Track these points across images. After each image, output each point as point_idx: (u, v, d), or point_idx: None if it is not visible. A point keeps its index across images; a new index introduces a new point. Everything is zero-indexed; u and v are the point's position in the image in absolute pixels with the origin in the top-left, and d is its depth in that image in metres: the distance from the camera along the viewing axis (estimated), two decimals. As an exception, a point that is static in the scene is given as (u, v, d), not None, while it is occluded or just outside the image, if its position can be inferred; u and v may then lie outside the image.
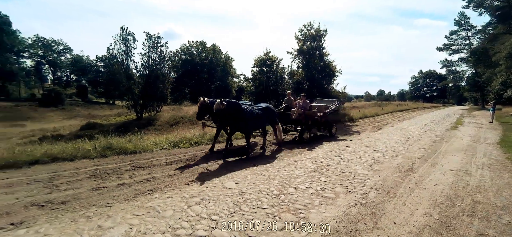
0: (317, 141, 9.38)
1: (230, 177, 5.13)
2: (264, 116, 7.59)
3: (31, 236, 2.90)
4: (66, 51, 56.18)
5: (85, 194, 4.08)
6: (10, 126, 21.71)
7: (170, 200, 3.91)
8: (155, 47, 19.41)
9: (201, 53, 53.19)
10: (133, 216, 3.39)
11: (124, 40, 18.55)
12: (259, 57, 21.32)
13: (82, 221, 3.23)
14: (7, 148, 6.56)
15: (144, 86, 18.46)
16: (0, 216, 3.35)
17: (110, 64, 20.29)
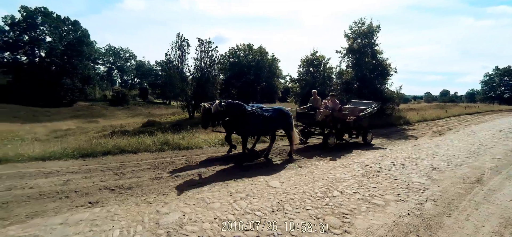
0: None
1: (274, 177, 5.23)
2: (274, 120, 6.73)
3: (104, 214, 3.44)
4: (131, 58, 63.55)
5: (146, 182, 4.65)
6: (87, 122, 25.58)
7: (217, 194, 4.19)
8: (206, 52, 20.77)
9: (248, 55, 54.64)
10: (185, 205, 3.74)
11: (179, 46, 20.31)
12: (306, 57, 20.98)
13: (144, 205, 3.70)
14: (86, 140, 7.80)
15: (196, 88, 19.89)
16: (82, 195, 4.05)
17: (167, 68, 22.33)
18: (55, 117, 27.86)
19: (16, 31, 41.41)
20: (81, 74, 46.44)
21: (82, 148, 6.31)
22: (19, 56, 42.39)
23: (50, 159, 5.81)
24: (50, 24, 43.43)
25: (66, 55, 44.40)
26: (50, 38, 43.49)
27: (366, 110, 9.37)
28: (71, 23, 47.04)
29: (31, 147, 6.40)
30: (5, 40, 40.78)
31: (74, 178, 4.79)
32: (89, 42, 49.63)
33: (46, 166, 5.38)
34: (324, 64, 20.80)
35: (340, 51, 19.63)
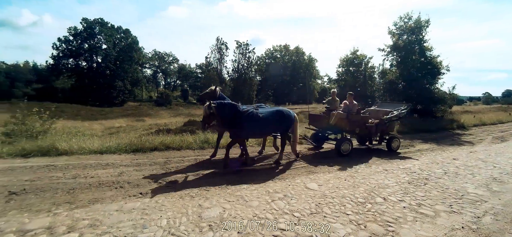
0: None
1: (312, 179, 5.14)
2: (271, 122, 6.15)
3: (153, 204, 3.74)
4: (174, 61, 67.70)
5: (189, 177, 4.94)
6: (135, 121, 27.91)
7: (256, 192, 4.27)
8: (244, 54, 21.31)
9: (284, 56, 54.44)
10: (226, 201, 3.89)
11: (218, 49, 21.16)
12: (345, 57, 20.22)
13: (187, 199, 3.94)
14: (136, 137, 8.52)
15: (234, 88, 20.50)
16: (133, 186, 4.45)
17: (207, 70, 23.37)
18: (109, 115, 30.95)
19: (78, 40, 47.02)
20: (131, 77, 50.92)
21: (133, 144, 6.94)
22: (80, 62, 48.05)
23: (107, 153, 6.51)
24: (105, 33, 48.45)
25: (119, 60, 49.06)
26: (105, 46, 48.57)
27: (392, 113, 8.13)
28: (123, 31, 51.86)
29: (91, 141, 7.23)
30: (70, 48, 46.57)
31: (127, 171, 5.30)
32: (138, 48, 54.19)
33: (103, 159, 6.04)
34: (365, 63, 19.82)
35: (383, 49, 18.52)
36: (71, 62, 47.60)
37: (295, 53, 53.93)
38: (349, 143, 7.32)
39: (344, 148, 7.20)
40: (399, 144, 8.20)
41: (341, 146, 7.15)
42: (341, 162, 6.51)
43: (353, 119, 7.42)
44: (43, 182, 4.60)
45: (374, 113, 8.57)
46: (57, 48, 46.14)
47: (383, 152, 7.91)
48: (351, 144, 7.36)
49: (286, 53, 54.76)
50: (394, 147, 8.03)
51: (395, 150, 8.02)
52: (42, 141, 7.07)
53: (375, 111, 8.81)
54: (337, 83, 20.87)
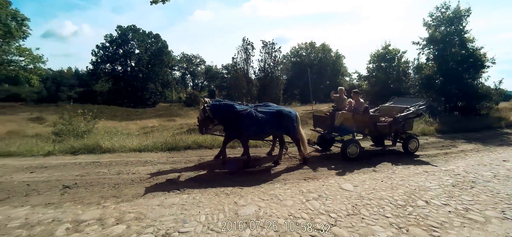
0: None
1: (347, 179, 5.00)
2: (270, 122, 5.80)
3: (191, 200, 3.90)
4: (201, 63, 69.77)
5: (222, 175, 5.06)
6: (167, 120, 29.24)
7: (289, 192, 4.25)
8: (269, 53, 21.32)
9: (310, 54, 53.43)
10: (260, 199, 3.93)
11: (245, 49, 21.40)
12: (376, 52, 19.26)
13: (223, 196, 4.05)
14: (170, 136, 8.92)
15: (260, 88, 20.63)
16: (172, 183, 4.66)
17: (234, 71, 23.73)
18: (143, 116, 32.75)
19: (114, 46, 50.38)
20: (162, 80, 53.45)
21: (168, 143, 7.28)
22: (116, 67, 51.45)
23: (145, 151, 6.91)
24: (138, 39, 51.35)
25: (150, 64, 51.72)
26: (138, 50, 51.48)
27: (408, 110, 7.24)
28: (153, 36, 54.54)
29: (130, 140, 7.71)
30: (106, 54, 50.08)
31: (164, 168, 5.58)
32: (167, 52, 56.69)
33: (142, 157, 6.41)
34: (398, 58, 18.71)
35: (417, 42, 17.36)
36: (108, 67, 51.18)
37: (322, 50, 52.68)
38: (356, 146, 6.50)
39: (351, 151, 6.42)
40: (418, 145, 7.26)
41: (347, 149, 6.39)
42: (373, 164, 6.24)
43: (360, 119, 6.69)
44: (91, 177, 5.02)
45: (388, 111, 7.75)
46: (96, 55, 49.92)
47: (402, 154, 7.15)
48: (359, 146, 6.53)
49: (312, 50, 53.73)
50: (411, 148, 7.15)
51: (413, 152, 7.16)
52: (87, 139, 7.68)
53: (389, 108, 7.93)
54: (368, 80, 19.94)
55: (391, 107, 7.98)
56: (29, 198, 4.11)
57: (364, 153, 7.13)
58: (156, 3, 4.79)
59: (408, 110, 7.24)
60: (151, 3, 4.77)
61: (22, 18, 12.81)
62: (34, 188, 4.54)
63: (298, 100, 48.76)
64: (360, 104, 6.91)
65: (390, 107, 8.03)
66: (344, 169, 5.64)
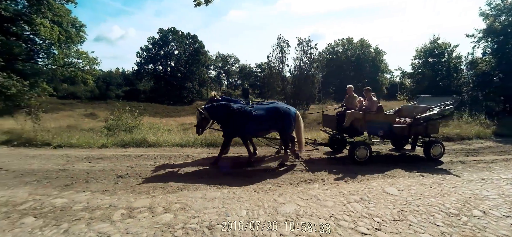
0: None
1: (390, 183, 4.72)
2: (266, 119, 5.66)
3: (231, 195, 4.03)
4: (236, 62, 71.20)
5: (260, 173, 5.14)
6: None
7: (329, 192, 4.15)
8: (305, 50, 20.90)
9: (347, 50, 51.27)
10: (299, 198, 3.91)
11: (280, 47, 21.28)
12: (423, 47, 17.76)
13: (262, 193, 4.11)
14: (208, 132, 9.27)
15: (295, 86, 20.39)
16: (212, 177, 4.86)
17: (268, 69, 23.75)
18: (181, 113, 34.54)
19: (156, 48, 53.77)
20: (198, 79, 55.75)
21: (207, 139, 7.59)
22: (157, 67, 54.87)
23: (186, 146, 7.30)
24: (177, 40, 54.15)
25: (188, 64, 54.23)
26: (177, 51, 54.33)
27: (431, 111, 6.43)
28: (191, 37, 57.01)
29: (172, 136, 8.19)
30: (149, 55, 53.68)
31: (204, 162, 5.84)
32: (204, 52, 58.89)
33: (184, 151, 6.78)
34: (448, 53, 17.03)
35: (472, 35, 15.64)
36: (150, 67, 54.83)
37: (360, 46, 50.16)
38: (366, 149, 5.96)
39: (359, 154, 5.93)
40: (443, 151, 6.32)
41: (354, 152, 5.93)
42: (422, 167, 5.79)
43: (371, 119, 6.10)
44: (140, 169, 5.45)
45: (410, 111, 7.00)
46: (140, 56, 53.84)
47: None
48: (368, 149, 6.00)
49: (349, 47, 51.47)
50: (434, 154, 6.29)
51: (437, 159, 6.29)
52: (135, 134, 8.35)
53: (411, 108, 7.16)
54: (412, 77, 18.48)
55: (414, 107, 7.21)
56: (88, 185, 4.61)
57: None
58: (200, 5, 4.98)
59: (431, 110, 6.41)
60: (195, 5, 4.98)
61: (80, 25, 14.37)
62: (92, 176, 5.07)
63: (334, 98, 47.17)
64: (372, 103, 6.29)
65: (413, 107, 7.25)
66: (387, 173, 5.34)
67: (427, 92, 16.18)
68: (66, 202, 3.87)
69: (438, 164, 6.07)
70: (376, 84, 47.62)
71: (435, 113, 6.30)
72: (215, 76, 70.70)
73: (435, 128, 6.39)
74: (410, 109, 7.11)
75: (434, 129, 6.39)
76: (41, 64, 13.86)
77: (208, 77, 63.99)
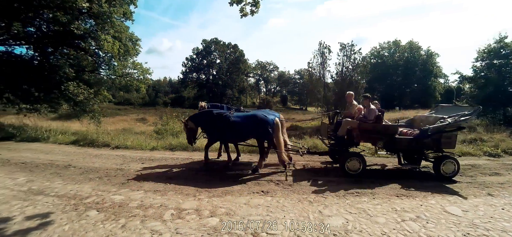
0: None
1: (452, 201, 4.19)
2: (244, 126, 5.77)
3: (275, 203, 3.99)
4: (274, 69, 71.67)
5: (303, 182, 5.00)
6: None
7: (379, 208, 3.85)
8: (348, 55, 20.02)
9: (394, 54, 47.86)
10: (347, 212, 3.69)
11: (321, 53, 20.74)
12: (487, 47, 15.69)
13: (306, 203, 3.99)
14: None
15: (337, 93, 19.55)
16: (255, 184, 4.88)
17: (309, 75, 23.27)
18: (221, 119, 35.91)
19: (199, 58, 56.91)
20: (238, 86, 57.34)
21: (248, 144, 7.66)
22: (201, 75, 57.95)
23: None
24: (219, 50, 56.60)
25: (229, 72, 56.23)
26: (219, 60, 56.75)
27: (442, 121, 5.53)
28: (232, 46, 59.07)
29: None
30: (193, 65, 57.02)
31: (246, 168, 5.91)
32: (244, 60, 60.52)
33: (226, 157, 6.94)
34: (520, 54, 14.77)
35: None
36: (194, 76, 58.15)
37: (408, 49, 46.37)
38: (358, 160, 5.48)
39: (351, 166, 5.46)
40: (457, 169, 5.39)
41: (345, 163, 5.47)
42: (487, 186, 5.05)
43: (368, 129, 5.54)
44: (187, 172, 5.74)
45: (420, 122, 6.23)
46: (185, 66, 57.51)
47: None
48: (362, 161, 5.49)
49: (396, 50, 47.95)
50: (445, 171, 5.39)
51: (450, 177, 5.37)
52: (182, 139, 8.85)
53: (423, 118, 6.36)
54: (474, 81, 16.39)
55: (425, 117, 6.39)
56: (142, 184, 5.00)
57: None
58: (246, 16, 5.13)
59: (442, 121, 5.54)
60: (241, 16, 5.14)
61: (136, 39, 15.90)
62: (145, 176, 5.49)
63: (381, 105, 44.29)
64: (370, 111, 5.77)
65: (424, 117, 6.44)
66: (447, 189, 4.77)
67: (493, 99, 14.25)
68: (123, 199, 4.24)
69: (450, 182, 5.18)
70: (428, 89, 43.47)
71: (446, 124, 5.37)
72: (254, 83, 71.96)
73: (451, 142, 5.39)
74: (423, 120, 6.34)
75: (450, 143, 5.39)
76: (103, 75, 15.65)
77: (247, 84, 65.36)
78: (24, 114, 13.42)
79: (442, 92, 46.40)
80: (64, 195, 4.46)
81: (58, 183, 5.12)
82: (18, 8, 11.17)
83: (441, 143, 5.32)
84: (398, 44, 47.96)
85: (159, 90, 62.88)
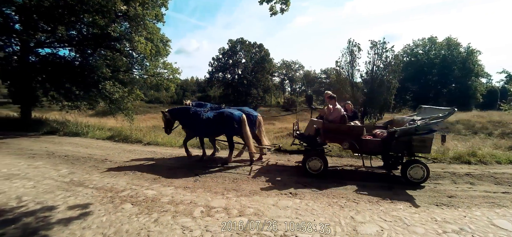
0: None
1: (501, 214, 3.78)
2: (213, 123, 6.36)
3: (303, 205, 3.90)
4: (300, 68, 70.71)
5: (331, 185, 4.82)
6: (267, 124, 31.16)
7: (417, 217, 3.59)
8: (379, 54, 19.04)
9: (430, 51, 44.83)
10: (381, 219, 3.49)
11: (350, 51, 19.97)
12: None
13: (337, 207, 3.84)
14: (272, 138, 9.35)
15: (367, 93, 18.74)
16: (283, 185, 4.81)
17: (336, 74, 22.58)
18: (246, 119, 36.22)
19: (225, 57, 57.84)
20: (263, 86, 57.42)
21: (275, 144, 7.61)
22: (226, 75, 58.89)
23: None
24: (244, 49, 57.07)
25: (253, 71, 56.50)
26: (244, 60, 57.23)
27: (412, 123, 5.15)
28: (257, 46, 59.25)
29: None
30: (219, 64, 58.10)
31: (272, 169, 5.86)
32: (269, 59, 60.42)
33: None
34: None
35: None
36: (220, 75, 59.26)
37: (446, 46, 43.13)
38: (319, 160, 5.44)
39: (312, 165, 5.47)
40: (425, 175, 4.96)
41: (307, 162, 5.49)
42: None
43: (332, 129, 5.46)
44: (215, 170, 5.83)
45: (396, 123, 5.92)
46: (211, 65, 58.79)
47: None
48: (323, 161, 5.43)
49: (431, 47, 44.87)
50: (413, 177, 4.99)
51: (418, 182, 4.95)
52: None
53: (399, 120, 6.02)
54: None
55: (403, 118, 6.02)
56: (172, 180, 5.15)
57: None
58: (275, 14, 5.08)
59: (412, 123, 5.17)
60: (271, 15, 5.11)
61: (166, 40, 16.56)
62: (175, 173, 5.67)
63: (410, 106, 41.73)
64: (333, 111, 5.75)
65: (402, 118, 6.06)
66: (493, 200, 4.33)
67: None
68: (155, 194, 4.41)
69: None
70: (468, 90, 40.21)
71: (414, 126, 4.97)
72: (279, 82, 71.62)
73: (425, 146, 4.98)
74: (399, 121, 5.99)
75: (424, 147, 4.99)
76: (136, 74, 16.51)
77: (272, 84, 65.20)
78: (66, 110, 14.59)
79: (484, 92, 42.69)
80: (101, 188, 4.74)
81: (96, 176, 5.47)
82: (62, 13, 12.14)
83: (413, 147, 5.00)
84: (434, 41, 44.84)
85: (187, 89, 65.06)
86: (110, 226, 3.33)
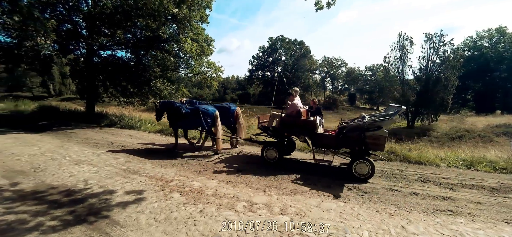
0: None
1: None
2: (191, 117, 7.12)
3: (348, 210, 3.74)
4: (342, 65, 67.58)
5: (381, 191, 4.53)
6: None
7: (482, 234, 3.17)
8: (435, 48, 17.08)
9: (497, 44, 38.98)
10: (437, 232, 3.17)
11: (401, 46, 18.29)
12: None
13: (385, 215, 3.59)
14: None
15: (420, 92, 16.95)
16: (325, 186, 4.67)
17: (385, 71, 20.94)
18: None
19: (265, 55, 58.14)
20: (303, 83, 56.35)
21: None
22: (266, 73, 59.21)
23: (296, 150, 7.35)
24: (285, 47, 56.63)
25: (294, 69, 55.77)
26: (284, 57, 56.81)
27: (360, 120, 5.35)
28: (298, 43, 58.36)
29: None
30: (259, 63, 58.63)
31: (313, 169, 5.73)
32: (310, 56, 59.07)
33: (293, 154, 6.87)
34: None
35: None
36: (260, 74, 59.83)
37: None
38: (274, 150, 6.08)
39: (268, 154, 6.16)
40: (370, 171, 5.01)
41: (264, 152, 6.19)
42: None
43: (288, 123, 5.98)
44: (256, 166, 5.91)
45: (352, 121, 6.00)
46: (252, 64, 59.65)
47: None
48: (278, 151, 6.03)
49: (499, 39, 38.93)
50: (358, 172, 5.10)
51: (364, 178, 5.03)
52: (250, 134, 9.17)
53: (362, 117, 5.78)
54: None
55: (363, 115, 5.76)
56: (216, 174, 5.36)
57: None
58: (321, 9, 4.93)
59: (360, 120, 5.37)
60: (316, 10, 4.97)
61: (210, 40, 17.29)
62: (218, 167, 5.88)
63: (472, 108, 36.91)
64: (291, 106, 6.20)
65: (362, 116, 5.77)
66: None
67: None
68: (200, 186, 4.64)
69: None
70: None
71: (361, 123, 5.11)
72: (319, 80, 69.54)
73: (378, 144, 5.00)
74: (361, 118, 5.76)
75: (377, 144, 5.02)
76: (182, 73, 17.57)
77: (313, 81, 63.59)
78: (123, 106, 16.21)
79: None
80: (153, 176, 5.16)
81: (148, 166, 5.97)
82: (120, 18, 13.49)
83: (366, 144, 5.07)
84: (503, 31, 38.81)
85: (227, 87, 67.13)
86: (160, 213, 3.60)
